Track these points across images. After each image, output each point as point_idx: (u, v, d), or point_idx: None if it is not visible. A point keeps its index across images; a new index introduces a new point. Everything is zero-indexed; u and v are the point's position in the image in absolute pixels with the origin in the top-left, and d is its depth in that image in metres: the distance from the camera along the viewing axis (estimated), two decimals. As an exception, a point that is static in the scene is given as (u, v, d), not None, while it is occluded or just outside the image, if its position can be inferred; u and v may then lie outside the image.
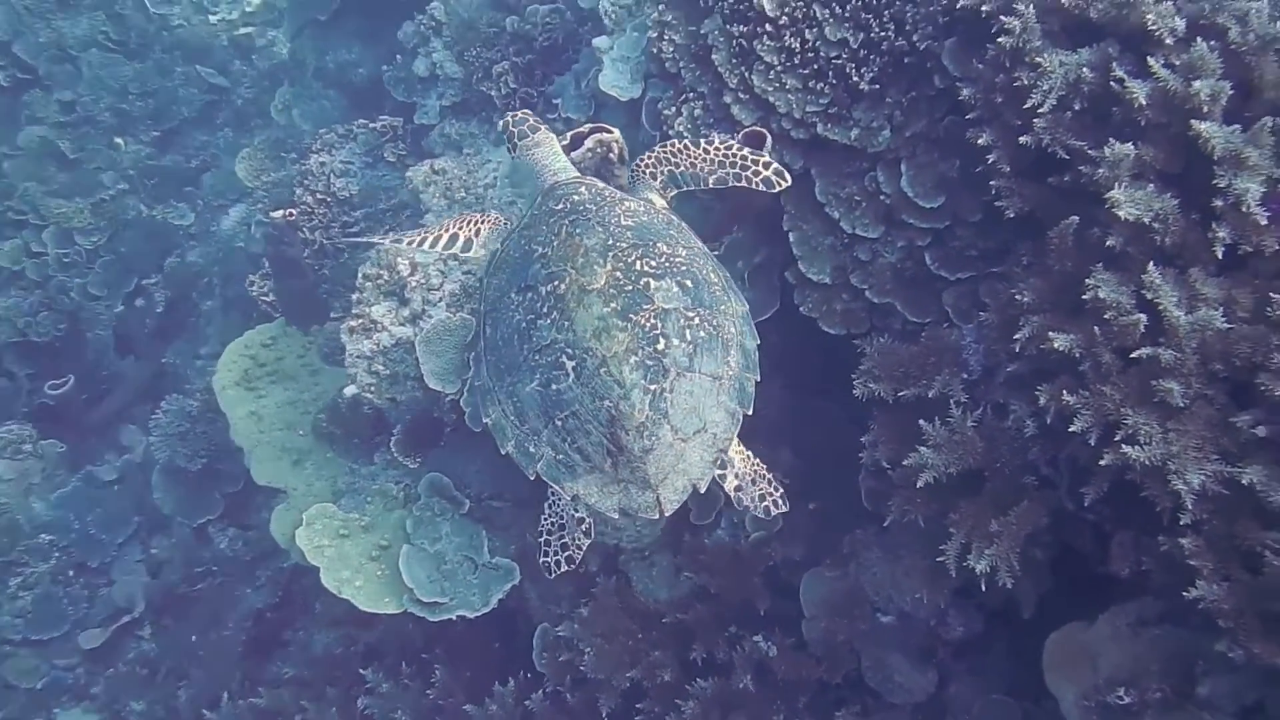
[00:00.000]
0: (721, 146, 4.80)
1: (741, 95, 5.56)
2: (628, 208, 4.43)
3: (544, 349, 4.05)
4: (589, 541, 4.33)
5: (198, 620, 8.84)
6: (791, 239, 5.69)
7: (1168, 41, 4.23)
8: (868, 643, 5.71)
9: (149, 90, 12.04)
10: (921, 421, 4.70)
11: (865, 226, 5.46)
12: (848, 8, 5.29)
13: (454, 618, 6.45)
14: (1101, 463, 4.04)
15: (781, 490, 4.39)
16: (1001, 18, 4.55)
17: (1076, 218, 4.31)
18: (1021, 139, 4.52)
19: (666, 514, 4.07)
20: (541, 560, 4.35)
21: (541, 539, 4.37)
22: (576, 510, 4.31)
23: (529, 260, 4.26)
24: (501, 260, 4.45)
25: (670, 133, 5.78)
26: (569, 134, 5.38)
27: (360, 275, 6.82)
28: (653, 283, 4.08)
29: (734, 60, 5.57)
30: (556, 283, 4.11)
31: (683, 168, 4.78)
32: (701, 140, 4.87)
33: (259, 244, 9.27)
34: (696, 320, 4.08)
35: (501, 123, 5.15)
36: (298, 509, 7.06)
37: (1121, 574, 4.39)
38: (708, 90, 5.70)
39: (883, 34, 5.24)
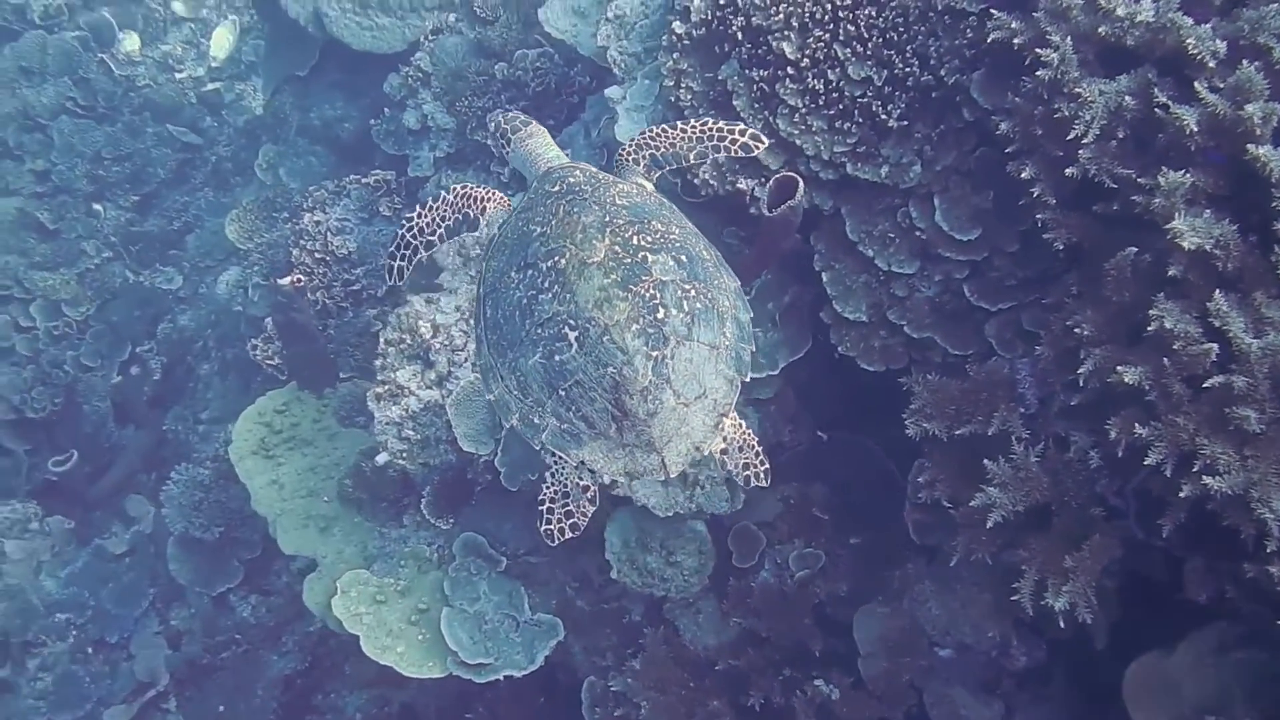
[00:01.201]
0: (697, 124, 4.79)
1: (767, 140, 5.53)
2: (621, 189, 4.47)
3: (546, 322, 4.08)
4: (593, 509, 4.29)
5: (224, 690, 8.71)
6: (825, 279, 5.68)
7: (1210, 64, 4.23)
8: (929, 678, 5.70)
9: (123, 154, 11.90)
10: (986, 461, 4.67)
11: (901, 263, 5.46)
12: (869, 46, 5.29)
13: (500, 678, 6.40)
14: (1181, 494, 4.03)
15: (767, 466, 4.31)
16: (1037, 50, 4.55)
17: (1134, 249, 4.30)
18: (1067, 171, 4.51)
19: (672, 475, 4.10)
20: (544, 529, 4.28)
21: (544, 507, 4.30)
22: (581, 478, 4.25)
23: (528, 240, 4.29)
24: (500, 243, 4.48)
25: (695, 181, 5.76)
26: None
27: (382, 341, 6.76)
28: (650, 256, 4.12)
29: (756, 105, 5.55)
30: (557, 258, 4.15)
31: (662, 149, 4.78)
32: (678, 122, 4.84)
33: (257, 306, 9.16)
34: (693, 292, 4.10)
35: (493, 123, 5.15)
36: (330, 577, 6.99)
37: (1199, 600, 4.38)
38: (731, 136, 5.67)
39: (907, 70, 5.24)
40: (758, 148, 4.80)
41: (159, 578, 9.31)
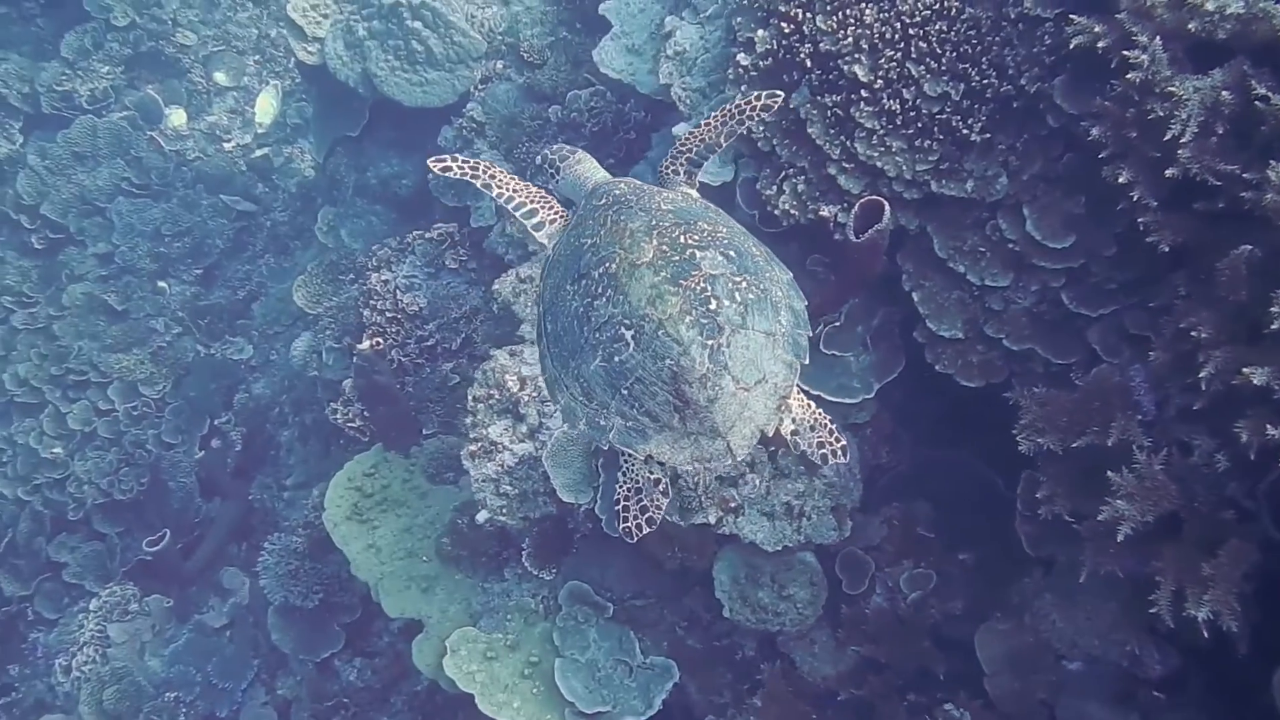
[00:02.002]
0: (718, 113, 4.81)
1: (846, 165, 5.49)
2: (666, 196, 4.54)
3: (602, 326, 4.10)
4: (667, 501, 4.28)
5: (338, 755, 8.73)
6: (916, 298, 5.61)
7: (1308, 51, 4.15)
8: (1060, 694, 5.59)
9: (181, 229, 12.05)
10: (1110, 474, 4.57)
11: (994, 276, 5.38)
12: (943, 61, 5.23)
13: (617, 724, 6.37)
14: (1324, 493, 3.93)
15: (844, 443, 4.27)
16: (1123, 52, 4.47)
17: (1249, 247, 4.21)
18: (1167, 172, 4.43)
19: (738, 458, 4.10)
20: (622, 527, 4.24)
21: (619, 506, 4.29)
22: (652, 472, 4.26)
23: (580, 253, 4.35)
24: (554, 261, 4.54)
25: (775, 212, 5.72)
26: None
27: (470, 397, 6.74)
28: (698, 253, 4.14)
29: (831, 131, 5.50)
30: (607, 264, 4.19)
31: (695, 149, 4.83)
32: (700, 121, 4.87)
33: (332, 370, 9.19)
34: (744, 284, 4.11)
35: (539, 158, 5.19)
36: (437, 636, 6.98)
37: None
38: (808, 164, 5.63)
39: (985, 82, 5.17)
40: (774, 104, 4.78)
41: (261, 648, 9.35)
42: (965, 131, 5.23)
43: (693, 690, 6.67)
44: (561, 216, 4.93)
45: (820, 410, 4.33)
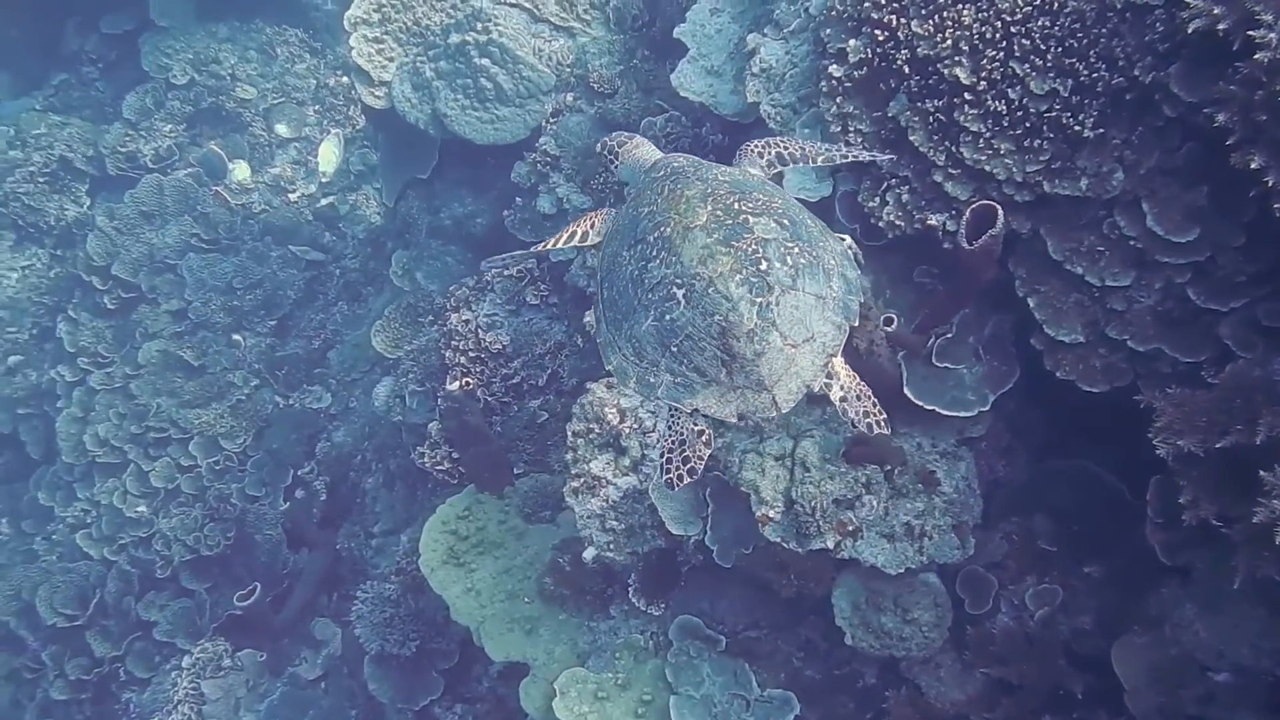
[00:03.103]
0: (827, 150, 5.06)
1: (952, 170, 5.33)
2: (726, 169, 4.73)
3: (655, 286, 4.26)
4: (709, 451, 4.40)
5: (447, 802, 8.59)
6: (1031, 304, 5.43)
7: None
8: (1210, 706, 5.34)
9: (253, 281, 12.05)
10: (1262, 473, 4.36)
11: (1114, 275, 5.18)
12: (1048, 58, 5.06)
13: (742, 760, 6.20)
14: None
15: (885, 416, 4.34)
16: (1249, 33, 4.29)
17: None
18: (1306, 154, 4.24)
19: (783, 410, 4.18)
20: (664, 479, 4.40)
21: (662, 459, 4.42)
22: (696, 424, 4.39)
23: (637, 221, 4.52)
24: (614, 232, 4.74)
25: (879, 224, 5.56)
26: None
27: (570, 433, 6.62)
28: (751, 219, 4.28)
29: (935, 137, 5.34)
30: (662, 228, 4.35)
31: (792, 150, 5.01)
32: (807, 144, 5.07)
33: (417, 414, 9.10)
34: (796, 250, 4.23)
35: (600, 146, 5.50)
36: (544, 679, 6.86)
37: None
38: (911, 173, 5.48)
39: (1095, 76, 4.99)
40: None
41: (357, 699, 9.22)
42: (1077, 128, 5.05)
43: (813, 720, 6.49)
44: (601, 216, 5.06)
45: (862, 382, 4.38)
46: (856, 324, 4.32)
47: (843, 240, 4.61)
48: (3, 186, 13.21)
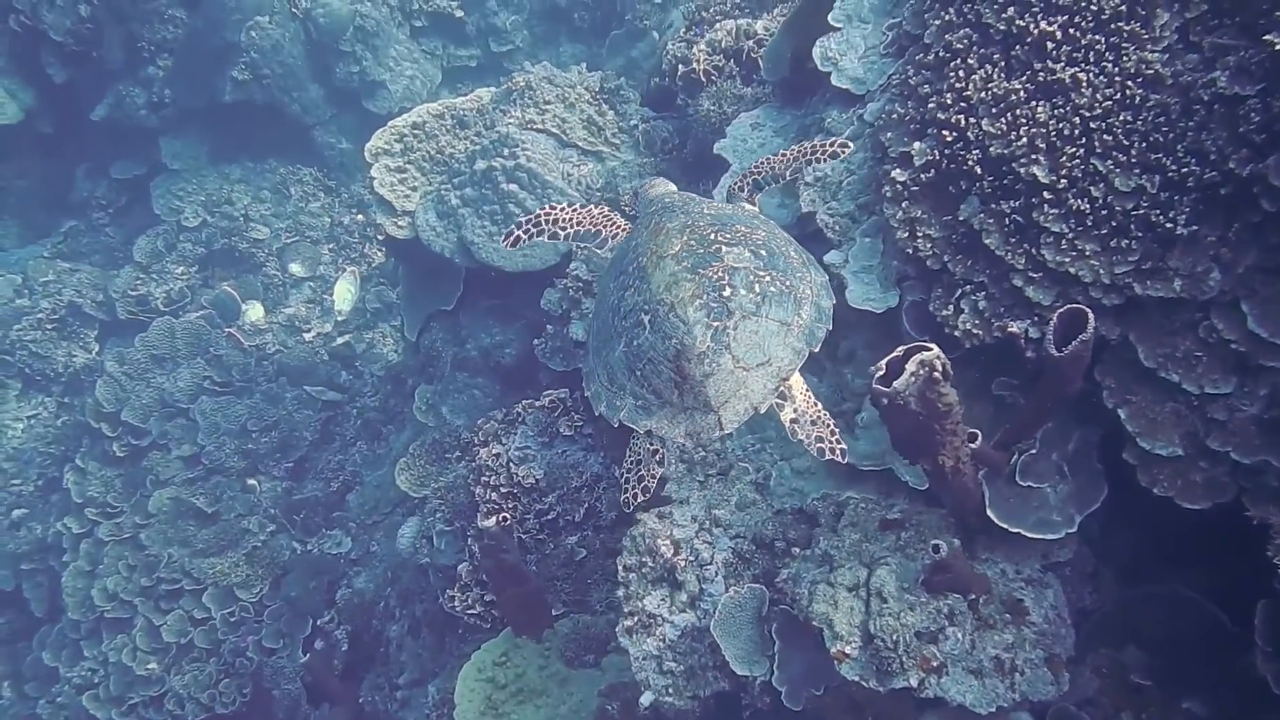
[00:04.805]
0: (791, 150, 5.45)
1: (1033, 274, 5.00)
2: (713, 204, 5.02)
3: (628, 314, 4.45)
4: (661, 470, 4.69)
5: None
6: (1123, 415, 5.04)
7: None
8: None
9: (268, 423, 11.72)
10: None
11: (1214, 382, 4.81)
12: (1132, 153, 4.77)
13: None
14: None
15: (844, 446, 4.56)
16: (1362, 116, 4.01)
17: None
18: None
19: (726, 431, 4.33)
20: (622, 499, 4.71)
21: (622, 479, 4.71)
22: (651, 444, 4.60)
23: (625, 254, 4.80)
24: (609, 265, 5.06)
25: (956, 333, 5.22)
26: (884, 361, 4.80)
27: (620, 567, 6.19)
28: (724, 248, 4.47)
29: (1012, 240, 5.03)
30: (640, 259, 4.57)
31: (763, 175, 5.39)
32: (779, 152, 5.53)
33: (445, 555, 8.66)
34: (767, 279, 4.40)
35: (630, 192, 5.99)
36: (599, 838, 6.32)
37: None
38: (987, 278, 5.15)
39: (1184, 171, 4.69)
40: (844, 151, 5.31)
41: None
42: (1168, 225, 4.73)
43: None
44: (624, 230, 5.40)
45: (821, 408, 4.55)
46: (817, 350, 4.50)
47: (823, 275, 4.84)
48: (9, 334, 12.95)
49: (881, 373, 4.47)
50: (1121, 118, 4.83)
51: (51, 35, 13.81)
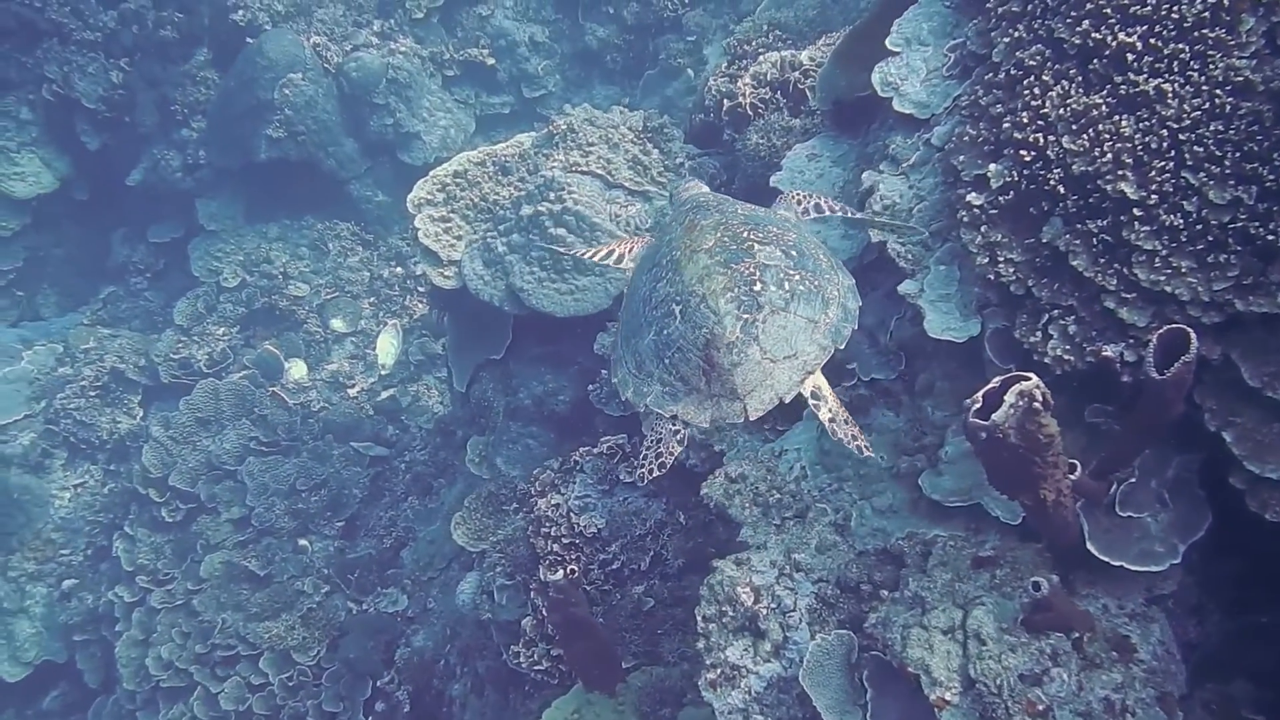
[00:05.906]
0: (862, 215, 5.79)
1: (1125, 294, 4.78)
2: (749, 206, 5.07)
3: (659, 304, 4.56)
4: (680, 449, 4.69)
5: None
6: (1228, 438, 4.79)
7: None
8: None
9: (316, 482, 11.55)
10: None
11: (1326, 400, 4.58)
12: (1225, 165, 4.56)
13: None
14: None
15: (867, 441, 4.62)
16: None
17: None
18: None
19: (751, 419, 4.37)
20: (638, 473, 4.72)
21: (641, 457, 4.73)
22: (675, 427, 4.63)
23: (658, 249, 4.88)
24: (641, 260, 5.12)
25: (1046, 360, 5.00)
26: (980, 393, 4.59)
27: (700, 618, 5.96)
28: (756, 246, 4.58)
29: (1102, 260, 4.81)
30: (674, 253, 4.66)
31: (829, 206, 5.52)
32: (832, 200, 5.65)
33: (507, 610, 8.45)
34: (797, 277, 4.51)
35: (672, 194, 5.91)
36: None
37: None
38: (1076, 301, 4.93)
39: (1282, 179, 4.48)
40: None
41: None
42: (1270, 238, 4.51)
43: None
44: (640, 242, 5.48)
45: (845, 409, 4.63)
46: (843, 347, 4.56)
47: (850, 278, 4.89)
48: (53, 404, 12.87)
49: (978, 405, 4.25)
50: (1212, 128, 4.62)
51: (84, 103, 13.86)
